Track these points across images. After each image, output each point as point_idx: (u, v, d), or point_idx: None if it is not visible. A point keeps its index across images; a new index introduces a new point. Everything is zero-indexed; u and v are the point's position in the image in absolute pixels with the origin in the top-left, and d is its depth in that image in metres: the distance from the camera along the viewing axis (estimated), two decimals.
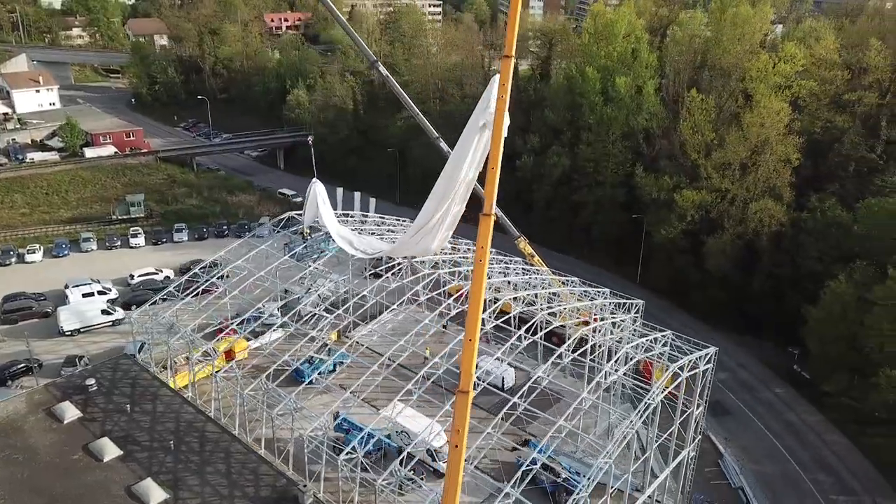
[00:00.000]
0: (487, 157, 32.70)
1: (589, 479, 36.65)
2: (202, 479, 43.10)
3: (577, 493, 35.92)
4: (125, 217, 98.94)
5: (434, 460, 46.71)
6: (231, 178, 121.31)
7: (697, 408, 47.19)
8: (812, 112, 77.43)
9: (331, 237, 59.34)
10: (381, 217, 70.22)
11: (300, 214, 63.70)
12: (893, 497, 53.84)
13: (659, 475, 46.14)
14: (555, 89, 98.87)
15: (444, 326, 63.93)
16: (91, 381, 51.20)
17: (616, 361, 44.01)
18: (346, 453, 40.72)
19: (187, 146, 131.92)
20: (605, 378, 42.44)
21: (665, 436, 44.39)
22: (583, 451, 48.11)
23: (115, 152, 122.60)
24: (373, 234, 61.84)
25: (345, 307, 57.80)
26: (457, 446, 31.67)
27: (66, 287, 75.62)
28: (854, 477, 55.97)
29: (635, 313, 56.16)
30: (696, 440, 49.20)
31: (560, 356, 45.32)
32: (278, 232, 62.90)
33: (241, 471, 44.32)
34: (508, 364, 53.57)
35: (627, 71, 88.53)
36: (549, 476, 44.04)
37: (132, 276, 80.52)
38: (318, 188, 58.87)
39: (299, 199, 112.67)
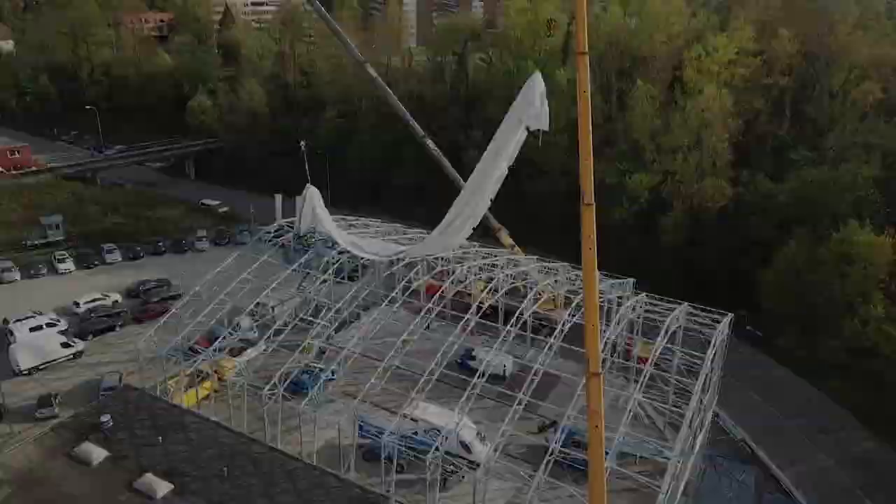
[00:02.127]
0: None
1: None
2: (273, 502, 41.36)
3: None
4: (42, 242, 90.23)
5: (469, 452, 47.33)
6: (144, 193, 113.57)
7: (716, 371, 51.45)
8: (736, 96, 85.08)
9: (330, 243, 58.40)
10: (356, 218, 69.33)
11: (289, 223, 61.81)
12: (865, 429, 61.10)
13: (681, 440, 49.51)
14: (495, 83, 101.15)
15: (428, 327, 64.28)
16: (106, 418, 47.19)
17: (664, 335, 46.86)
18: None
19: (88, 161, 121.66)
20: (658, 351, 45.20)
21: (705, 404, 47.93)
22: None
23: (1, 171, 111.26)
24: (372, 237, 61.30)
25: (324, 314, 56.65)
26: (596, 426, 33.08)
27: (7, 322, 68.41)
28: (828, 418, 62.81)
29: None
30: (714, 401, 53.50)
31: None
32: (269, 241, 60.61)
33: (308, 487, 42.75)
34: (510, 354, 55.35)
35: (561, 64, 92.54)
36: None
37: (77, 304, 73.98)
38: (312, 193, 57.44)
39: (226, 210, 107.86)
